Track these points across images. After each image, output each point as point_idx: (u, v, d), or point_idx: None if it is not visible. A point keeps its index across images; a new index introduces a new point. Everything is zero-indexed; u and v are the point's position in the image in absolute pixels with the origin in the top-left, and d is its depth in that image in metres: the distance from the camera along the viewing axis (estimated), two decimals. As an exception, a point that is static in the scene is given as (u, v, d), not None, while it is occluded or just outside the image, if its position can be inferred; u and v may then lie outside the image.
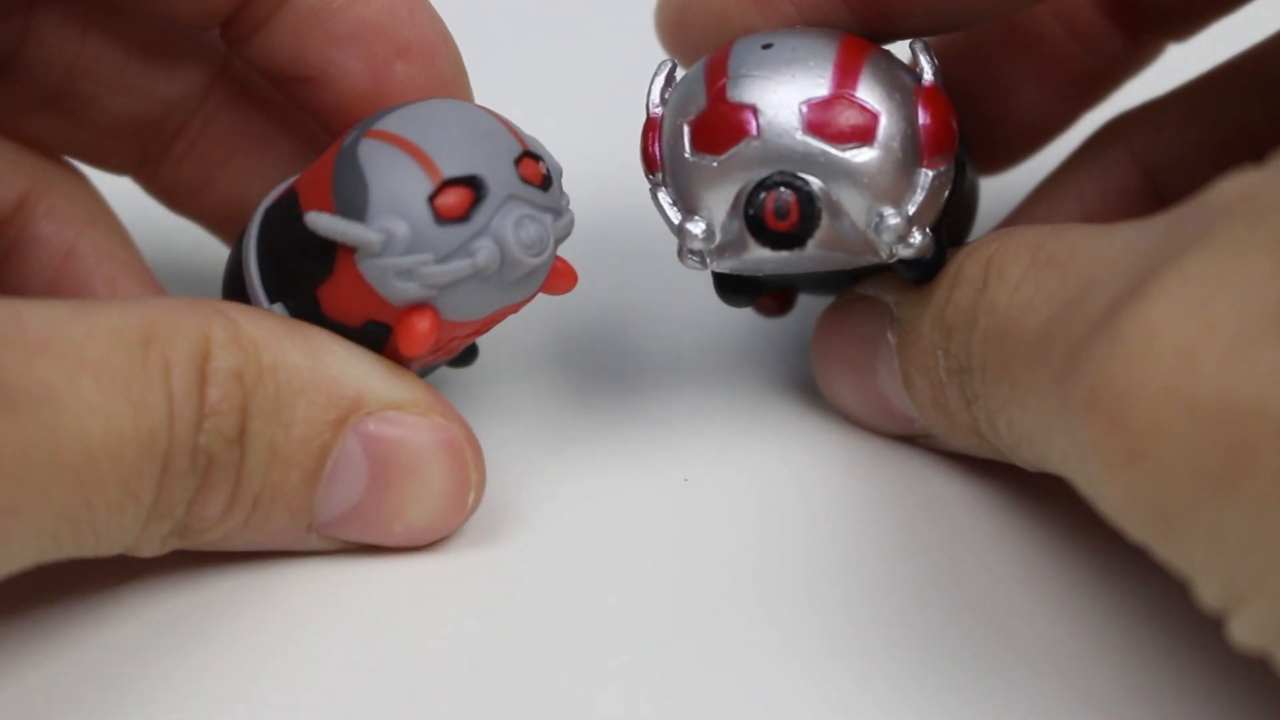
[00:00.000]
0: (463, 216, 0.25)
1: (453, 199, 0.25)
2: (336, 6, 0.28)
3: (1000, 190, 0.35)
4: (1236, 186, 0.21)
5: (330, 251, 0.26)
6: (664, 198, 0.27)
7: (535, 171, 0.26)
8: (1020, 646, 0.25)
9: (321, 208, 0.26)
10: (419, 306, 0.26)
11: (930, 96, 0.26)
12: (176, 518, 0.25)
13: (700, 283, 0.31)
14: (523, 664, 0.25)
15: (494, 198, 0.26)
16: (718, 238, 0.27)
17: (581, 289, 0.33)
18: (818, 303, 0.31)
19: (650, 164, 0.28)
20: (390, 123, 0.26)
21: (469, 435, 0.27)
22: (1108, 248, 0.23)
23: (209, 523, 0.25)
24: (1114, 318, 0.21)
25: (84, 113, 0.30)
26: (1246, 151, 0.24)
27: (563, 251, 0.27)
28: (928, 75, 0.27)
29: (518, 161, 0.26)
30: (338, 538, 0.27)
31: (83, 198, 0.31)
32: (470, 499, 0.27)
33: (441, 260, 0.25)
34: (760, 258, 0.27)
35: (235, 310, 0.26)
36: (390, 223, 0.25)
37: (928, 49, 0.27)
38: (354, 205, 0.26)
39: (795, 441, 0.30)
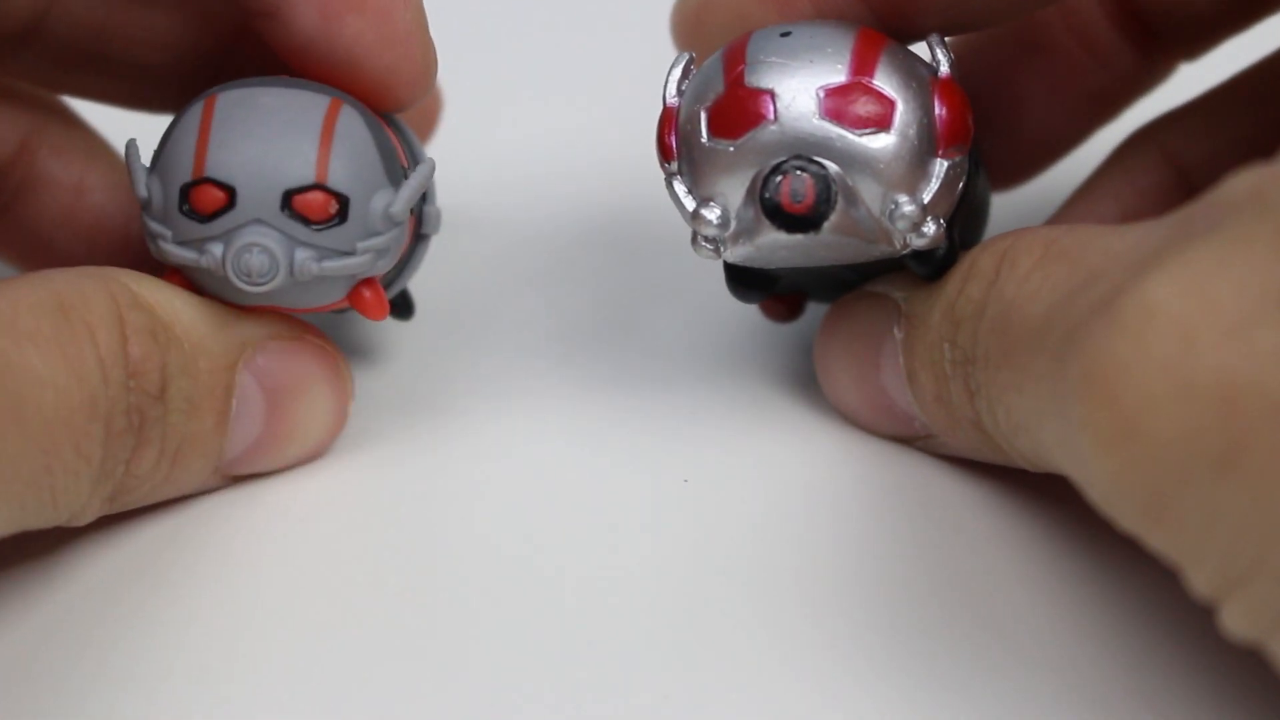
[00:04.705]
0: (206, 215, 0.26)
1: (202, 196, 0.26)
2: None
3: (1011, 205, 0.35)
4: (1245, 182, 0.21)
5: None
6: (679, 186, 0.27)
7: (316, 207, 0.26)
8: (1019, 647, 0.25)
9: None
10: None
11: (946, 88, 0.27)
12: (117, 478, 0.25)
13: (703, 282, 0.32)
14: (521, 665, 0.25)
15: (240, 214, 0.26)
16: (732, 224, 0.27)
17: (585, 286, 0.34)
18: (822, 304, 0.31)
19: (665, 153, 0.28)
20: (232, 96, 0.27)
21: (337, 349, 0.29)
22: (1117, 242, 0.23)
23: (142, 480, 0.26)
24: (1114, 298, 0.21)
25: (117, 69, 0.30)
26: (1278, 147, 0.24)
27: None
28: (944, 68, 0.27)
29: (297, 191, 0.26)
30: (236, 473, 0.28)
31: (82, 134, 0.32)
32: (349, 409, 0.29)
33: (177, 243, 0.26)
34: (775, 242, 0.27)
35: (124, 275, 0.26)
36: (153, 187, 0.27)
37: (944, 43, 0.27)
38: (157, 154, 0.27)
39: (795, 442, 0.30)
